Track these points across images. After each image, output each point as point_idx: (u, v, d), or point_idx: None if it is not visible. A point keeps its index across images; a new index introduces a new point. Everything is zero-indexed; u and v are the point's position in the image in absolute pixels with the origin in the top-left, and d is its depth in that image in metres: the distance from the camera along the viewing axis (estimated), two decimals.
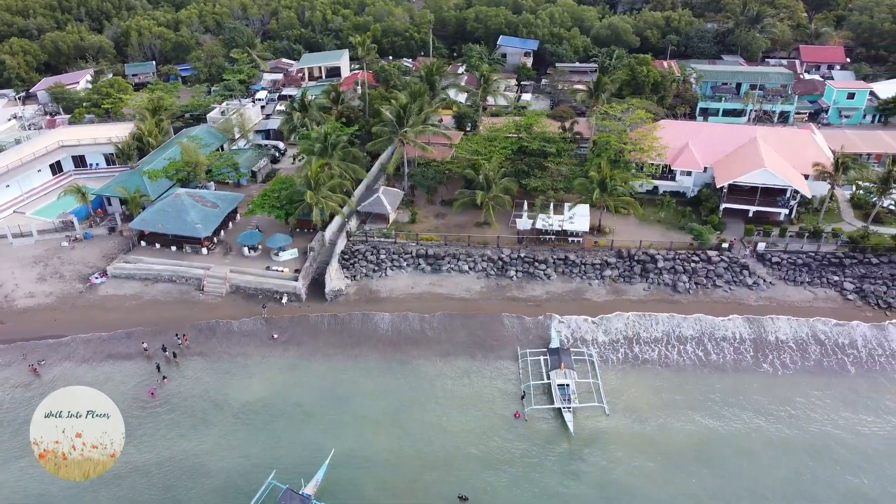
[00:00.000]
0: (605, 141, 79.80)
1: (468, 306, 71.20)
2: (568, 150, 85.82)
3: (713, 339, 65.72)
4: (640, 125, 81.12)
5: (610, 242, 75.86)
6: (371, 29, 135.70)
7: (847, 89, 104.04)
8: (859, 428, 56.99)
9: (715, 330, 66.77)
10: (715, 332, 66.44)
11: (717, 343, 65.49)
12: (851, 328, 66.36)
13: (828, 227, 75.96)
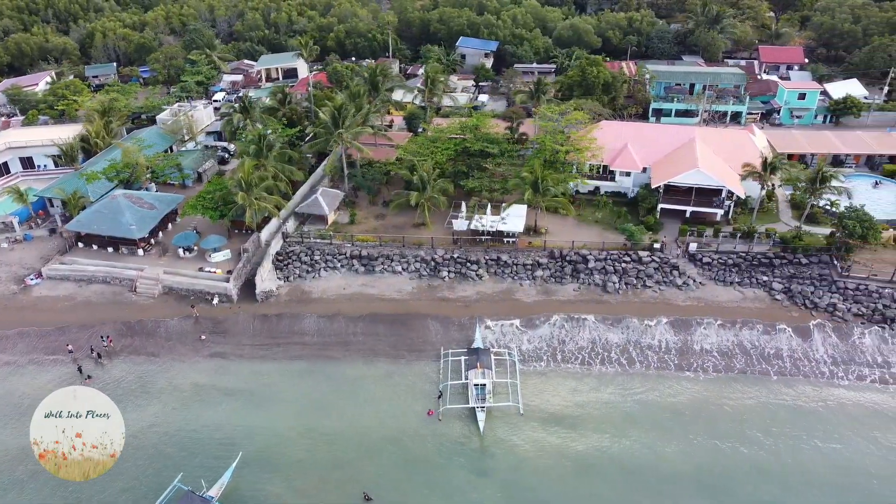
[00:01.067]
0: (540, 142, 79.90)
1: (398, 307, 71.35)
2: (511, 152, 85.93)
3: (638, 347, 65.53)
4: (576, 126, 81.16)
5: (543, 243, 75.98)
6: (335, 30, 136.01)
7: (798, 90, 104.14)
8: (773, 428, 57.11)
9: (641, 337, 66.49)
10: (641, 340, 66.17)
11: (643, 350, 65.39)
12: (777, 337, 65.85)
13: (762, 228, 76.11)
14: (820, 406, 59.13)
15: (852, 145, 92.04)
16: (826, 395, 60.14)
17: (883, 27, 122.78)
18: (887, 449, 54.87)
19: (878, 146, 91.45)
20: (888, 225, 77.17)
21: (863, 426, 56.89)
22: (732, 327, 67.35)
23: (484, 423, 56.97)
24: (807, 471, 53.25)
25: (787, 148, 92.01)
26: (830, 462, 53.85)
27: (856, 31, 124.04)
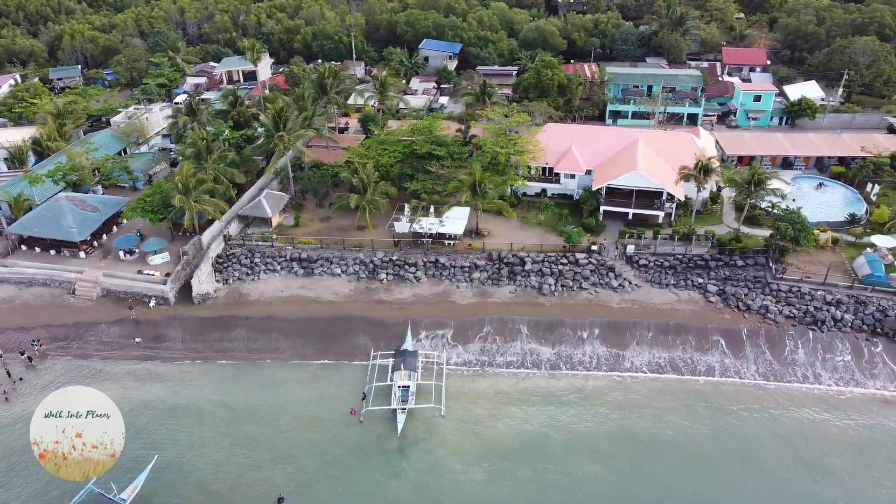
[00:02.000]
0: (481, 144, 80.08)
1: (333, 309, 71.46)
2: (460, 154, 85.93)
3: (570, 362, 65.22)
4: (518, 128, 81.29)
5: (482, 245, 76.10)
6: (301, 32, 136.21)
7: (753, 92, 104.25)
8: (690, 432, 57.28)
9: (573, 353, 66.03)
10: (573, 356, 65.72)
11: (572, 354, 65.48)
12: (710, 355, 65.21)
13: (702, 230, 76.16)
14: (741, 409, 59.27)
15: (802, 147, 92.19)
16: (747, 397, 60.28)
17: (846, 29, 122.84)
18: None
19: (827, 148, 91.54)
20: (827, 227, 77.48)
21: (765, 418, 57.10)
22: (665, 332, 67.36)
23: (403, 424, 57.07)
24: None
25: (736, 150, 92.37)
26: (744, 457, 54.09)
27: (819, 33, 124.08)
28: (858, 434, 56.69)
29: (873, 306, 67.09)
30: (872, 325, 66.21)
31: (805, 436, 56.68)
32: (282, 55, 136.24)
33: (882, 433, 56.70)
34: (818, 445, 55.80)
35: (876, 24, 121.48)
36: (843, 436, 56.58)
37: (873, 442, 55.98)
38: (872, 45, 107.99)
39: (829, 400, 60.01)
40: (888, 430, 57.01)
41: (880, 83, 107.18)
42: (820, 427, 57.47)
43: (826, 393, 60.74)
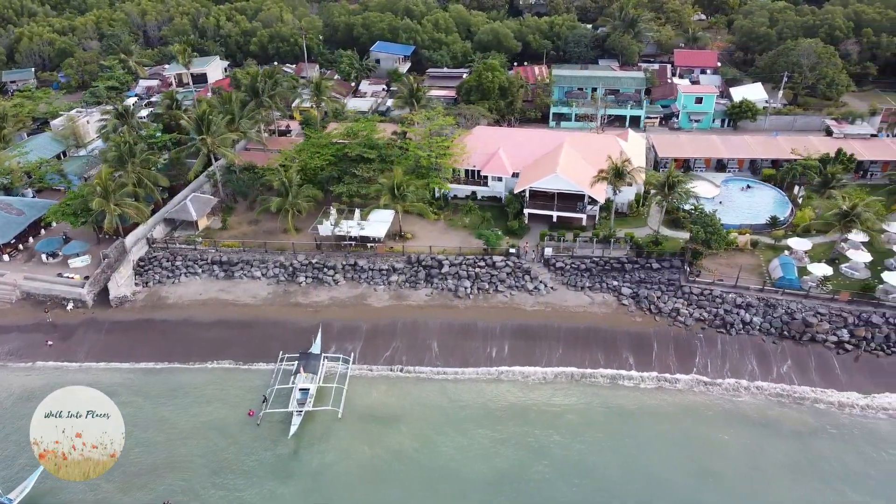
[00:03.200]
0: (403, 147, 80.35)
1: (249, 312, 71.71)
2: (390, 157, 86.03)
3: (477, 363, 65.12)
4: (441, 131, 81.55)
5: (402, 248, 76.35)
6: (258, 35, 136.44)
7: (695, 94, 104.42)
8: (583, 435, 57.55)
9: (481, 354, 65.82)
10: (480, 358, 65.44)
11: (480, 365, 65.27)
12: (616, 357, 65.10)
13: (625, 232, 76.35)
14: (639, 410, 59.52)
15: (735, 149, 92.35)
16: (647, 399, 60.51)
17: (797, 31, 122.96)
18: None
19: (761, 150, 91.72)
20: (749, 229, 77.70)
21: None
22: (574, 334, 67.56)
23: (297, 427, 57.27)
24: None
25: (670, 152, 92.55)
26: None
27: (770, 35, 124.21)
28: (751, 437, 56.83)
29: (782, 309, 67.28)
30: (780, 327, 66.37)
31: (697, 439, 56.87)
32: (238, 57, 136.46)
33: (775, 437, 56.83)
34: (707, 448, 56.00)
35: (826, 26, 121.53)
36: (735, 439, 56.73)
37: (763, 445, 56.14)
38: (815, 48, 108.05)
39: (726, 402, 60.10)
40: (782, 433, 57.14)
41: (823, 85, 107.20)
42: (713, 429, 57.66)
43: (723, 395, 60.82)
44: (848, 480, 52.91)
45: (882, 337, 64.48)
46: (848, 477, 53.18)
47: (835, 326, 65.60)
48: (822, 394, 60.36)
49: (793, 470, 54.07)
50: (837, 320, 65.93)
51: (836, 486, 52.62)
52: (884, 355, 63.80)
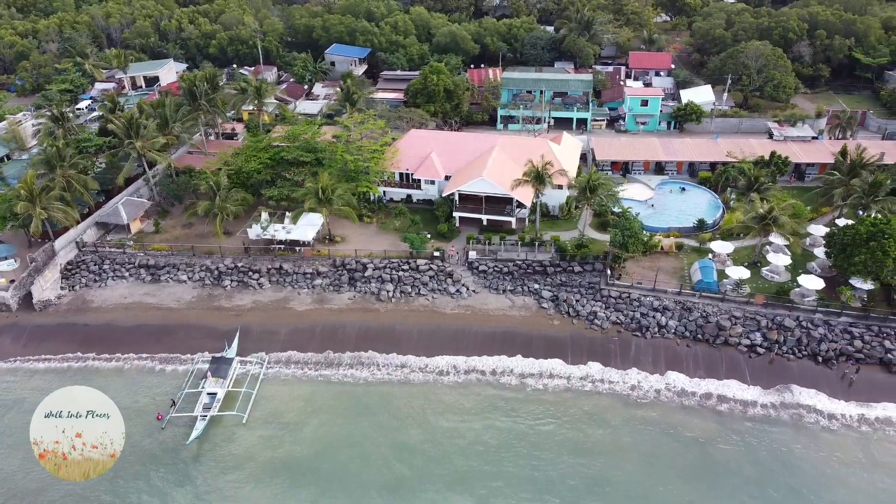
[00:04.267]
0: (331, 151, 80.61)
1: (171, 316, 71.87)
2: (330, 161, 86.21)
3: (389, 368, 65.32)
4: (370, 134, 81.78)
5: (328, 252, 76.56)
6: (217, 38, 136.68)
7: (641, 97, 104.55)
8: (482, 435, 57.74)
9: (395, 358, 66.18)
10: (393, 362, 65.82)
11: (392, 370, 65.40)
12: (528, 359, 65.39)
13: (556, 235, 76.49)
14: (542, 411, 59.65)
15: (674, 152, 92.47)
16: (553, 401, 60.69)
17: (752, 33, 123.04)
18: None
19: (699, 153, 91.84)
20: (678, 232, 77.87)
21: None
22: (492, 337, 67.72)
23: (199, 432, 57.39)
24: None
25: (610, 155, 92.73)
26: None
27: (726, 37, 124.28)
28: (649, 439, 57.01)
29: (698, 312, 67.41)
30: (694, 331, 66.50)
31: (597, 442, 57.01)
32: (198, 60, 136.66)
33: (673, 439, 56.99)
34: (607, 452, 56.15)
35: (781, 28, 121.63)
36: (635, 443, 56.88)
37: (661, 447, 56.32)
38: (763, 50, 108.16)
39: (632, 406, 60.22)
40: (681, 436, 57.29)
41: (770, 87, 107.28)
42: (614, 433, 57.82)
43: (629, 397, 60.93)
44: (742, 482, 53.11)
45: (794, 340, 64.58)
46: (743, 479, 53.39)
47: (748, 330, 65.70)
48: (725, 396, 60.39)
49: (688, 473, 54.20)
50: (751, 324, 66.07)
51: (728, 488, 52.82)
52: (794, 359, 63.89)
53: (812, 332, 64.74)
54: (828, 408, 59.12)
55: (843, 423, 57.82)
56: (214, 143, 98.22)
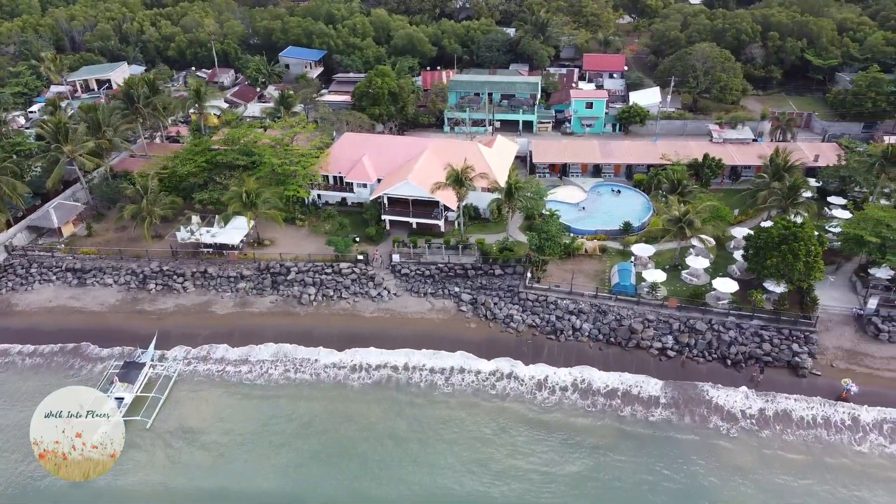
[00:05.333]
0: (259, 154, 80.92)
1: (94, 319, 72.21)
2: (265, 164, 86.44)
3: (304, 370, 65.76)
4: (300, 138, 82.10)
5: (253, 255, 76.86)
6: (176, 40, 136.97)
7: (585, 99, 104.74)
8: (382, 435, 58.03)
9: (308, 361, 66.52)
10: (306, 365, 66.04)
11: (307, 373, 65.57)
12: (439, 361, 65.87)
13: (491, 238, 76.76)
14: (449, 414, 59.95)
15: (611, 155, 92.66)
16: (459, 404, 60.98)
17: (706, 35, 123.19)
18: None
19: (637, 156, 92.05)
20: (605, 235, 78.12)
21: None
22: (407, 339, 68.01)
23: None
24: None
25: (548, 158, 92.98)
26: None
27: (681, 39, 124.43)
28: (551, 445, 57.28)
29: (612, 315, 67.66)
30: (608, 334, 66.74)
31: (494, 443, 57.26)
32: (156, 62, 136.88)
33: (573, 444, 57.26)
34: (504, 452, 56.40)
35: (734, 29, 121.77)
36: (533, 447, 57.14)
37: (558, 450, 56.57)
38: (710, 52, 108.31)
39: (536, 408, 60.44)
40: (579, 441, 57.55)
41: (717, 89, 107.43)
42: (513, 436, 58.05)
43: (534, 400, 61.18)
44: (636, 484, 53.42)
45: (704, 343, 64.84)
46: (637, 481, 53.71)
47: (660, 333, 65.95)
48: (630, 398, 60.69)
49: (582, 475, 54.49)
50: (664, 327, 66.32)
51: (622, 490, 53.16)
52: (704, 361, 64.13)
53: (723, 335, 65.01)
54: (731, 409, 59.29)
55: (743, 426, 57.98)
56: (158, 146, 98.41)
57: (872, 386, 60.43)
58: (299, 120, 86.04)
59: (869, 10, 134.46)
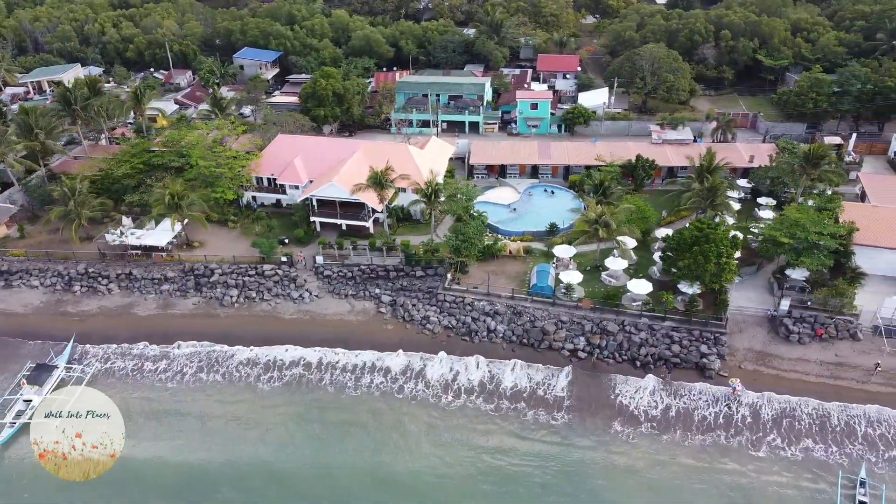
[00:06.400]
0: (189, 155, 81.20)
1: (14, 322, 72.36)
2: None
3: (218, 372, 65.95)
4: (225, 140, 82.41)
5: (179, 257, 77.13)
6: (135, 41, 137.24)
7: (530, 100, 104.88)
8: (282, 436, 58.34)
9: (222, 363, 66.75)
10: (220, 367, 66.20)
11: (220, 375, 65.75)
12: (354, 361, 66.42)
13: (418, 239, 77.01)
14: (348, 416, 60.22)
15: (549, 156, 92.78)
16: (361, 405, 61.28)
17: (661, 35, 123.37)
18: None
19: (574, 157, 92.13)
20: (531, 235, 78.37)
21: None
22: (324, 340, 68.30)
23: (6, 440, 57.78)
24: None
25: (485, 159, 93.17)
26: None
27: (635, 40, 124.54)
28: (451, 447, 57.53)
29: (527, 317, 67.87)
30: (521, 335, 66.93)
31: (394, 447, 57.52)
32: (116, 64, 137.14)
33: (472, 446, 57.54)
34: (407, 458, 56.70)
35: (687, 30, 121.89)
36: (435, 449, 57.37)
37: (455, 452, 56.82)
38: (657, 53, 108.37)
39: (437, 410, 60.67)
40: (481, 444, 57.81)
41: (663, 90, 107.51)
42: (415, 439, 58.31)
43: (435, 402, 61.42)
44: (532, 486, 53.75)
45: (615, 345, 65.02)
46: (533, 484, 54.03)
47: (572, 334, 66.15)
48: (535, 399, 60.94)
49: (480, 478, 54.78)
50: (576, 328, 66.52)
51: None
52: (614, 363, 64.33)
53: (633, 336, 65.19)
54: (635, 411, 59.56)
55: (643, 430, 58.19)
56: (102, 148, 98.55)
57: (781, 387, 60.69)
58: (230, 122, 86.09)
59: (828, 11, 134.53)
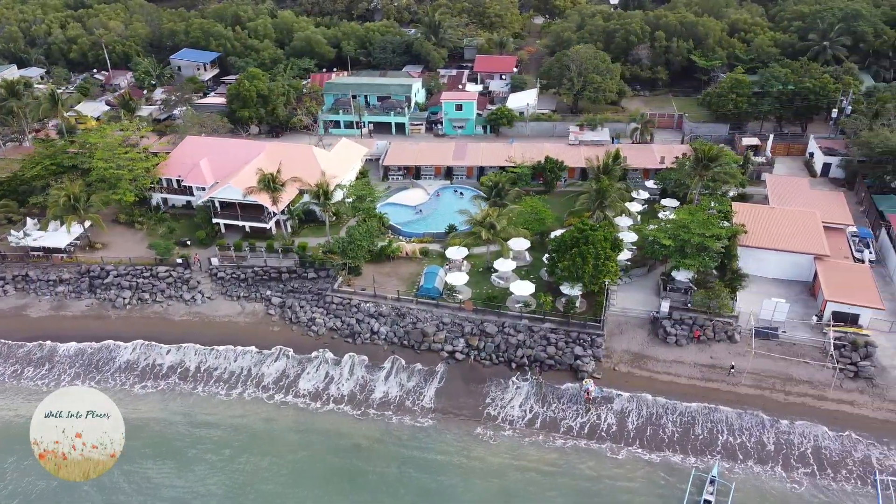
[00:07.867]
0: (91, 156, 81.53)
1: None
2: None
3: (104, 375, 66.60)
4: (130, 140, 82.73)
5: (75, 258, 77.38)
6: (79, 42, 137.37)
7: (455, 101, 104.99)
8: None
9: (107, 366, 67.33)
10: (106, 368, 66.96)
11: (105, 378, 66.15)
12: (230, 364, 66.91)
13: (315, 241, 77.28)
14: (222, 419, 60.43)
15: (464, 157, 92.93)
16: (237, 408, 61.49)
17: (599, 35, 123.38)
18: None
19: (489, 158, 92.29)
20: (431, 237, 78.58)
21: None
22: (213, 341, 68.61)
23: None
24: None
25: (399, 160, 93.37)
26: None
27: (573, 40, 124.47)
28: (315, 448, 57.78)
29: (410, 318, 68.06)
30: (402, 336, 67.14)
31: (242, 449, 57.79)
32: (60, 65, 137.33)
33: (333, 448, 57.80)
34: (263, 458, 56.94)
35: (623, 30, 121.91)
36: (294, 451, 57.65)
37: (318, 453, 57.09)
38: (584, 53, 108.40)
39: (303, 412, 60.95)
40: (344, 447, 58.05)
41: (590, 91, 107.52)
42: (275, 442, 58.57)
43: (307, 408, 61.64)
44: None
45: (493, 346, 65.21)
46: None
47: (452, 336, 66.32)
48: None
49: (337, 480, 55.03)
50: (456, 330, 66.70)
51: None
52: (490, 364, 64.54)
53: (511, 338, 65.36)
54: (500, 414, 59.79)
55: (506, 434, 58.42)
56: (23, 149, 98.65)
57: (652, 389, 60.91)
58: (135, 124, 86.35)
59: (773, 11, 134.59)
